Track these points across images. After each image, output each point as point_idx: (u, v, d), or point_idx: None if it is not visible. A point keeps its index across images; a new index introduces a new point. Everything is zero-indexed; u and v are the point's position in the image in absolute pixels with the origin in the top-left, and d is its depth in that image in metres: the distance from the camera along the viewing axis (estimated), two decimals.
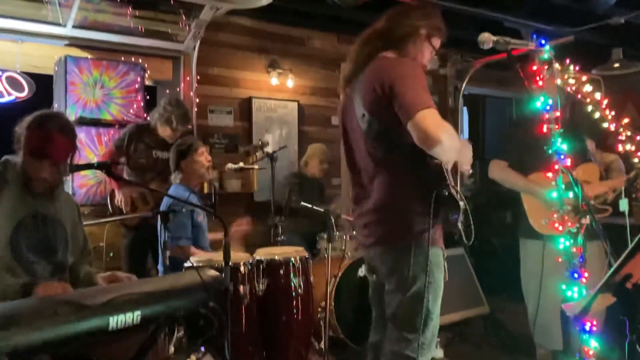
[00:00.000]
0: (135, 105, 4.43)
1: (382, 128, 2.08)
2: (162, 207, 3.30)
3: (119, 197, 3.90)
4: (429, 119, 1.93)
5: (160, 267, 3.24)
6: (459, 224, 2.09)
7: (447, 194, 2.01)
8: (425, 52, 2.25)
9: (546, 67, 2.17)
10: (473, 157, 2.20)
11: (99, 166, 2.29)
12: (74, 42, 4.37)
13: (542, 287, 3.25)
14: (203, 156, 3.48)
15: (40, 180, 2.16)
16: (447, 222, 2.07)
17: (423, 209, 2.03)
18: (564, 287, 3.16)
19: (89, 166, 2.38)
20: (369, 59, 2.18)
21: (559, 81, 2.33)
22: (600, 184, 3.15)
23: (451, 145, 1.96)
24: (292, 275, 3.09)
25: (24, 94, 4.25)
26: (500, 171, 3.26)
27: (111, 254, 4.10)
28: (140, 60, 4.59)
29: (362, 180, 2.22)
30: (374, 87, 2.06)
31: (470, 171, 2.23)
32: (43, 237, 2.17)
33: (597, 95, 2.53)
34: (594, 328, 2.10)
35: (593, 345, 2.08)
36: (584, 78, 2.48)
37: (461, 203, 2.03)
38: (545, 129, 2.21)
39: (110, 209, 3.95)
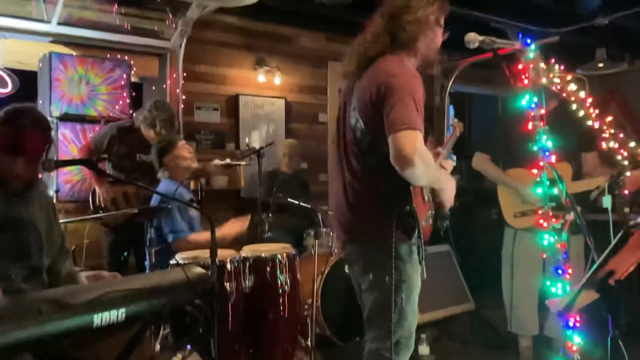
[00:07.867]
0: (121, 102, 4.39)
1: (366, 128, 2.07)
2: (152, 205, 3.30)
3: (100, 195, 3.82)
4: (410, 140, 1.88)
5: (147, 264, 3.22)
6: (416, 241, 2.09)
7: (408, 209, 2.01)
8: (436, 37, 2.18)
9: (531, 66, 2.19)
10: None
11: (85, 162, 2.22)
12: (59, 39, 4.32)
13: (514, 275, 3.41)
14: (184, 149, 3.48)
15: (16, 178, 2.06)
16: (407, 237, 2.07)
17: (391, 212, 2.02)
18: (534, 275, 3.27)
19: (74, 162, 2.35)
20: (374, 60, 2.11)
21: (544, 80, 2.35)
22: (572, 184, 3.16)
23: (424, 173, 1.92)
24: (278, 272, 3.08)
25: (8, 90, 4.20)
26: (482, 163, 3.58)
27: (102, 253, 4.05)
28: (126, 57, 4.55)
29: (344, 176, 2.20)
30: (370, 90, 2.03)
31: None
32: (15, 243, 2.08)
33: (582, 94, 2.56)
34: (578, 324, 2.12)
35: (577, 341, 2.10)
36: (569, 77, 2.51)
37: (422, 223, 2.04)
38: (530, 127, 2.24)
39: (92, 207, 3.88)
